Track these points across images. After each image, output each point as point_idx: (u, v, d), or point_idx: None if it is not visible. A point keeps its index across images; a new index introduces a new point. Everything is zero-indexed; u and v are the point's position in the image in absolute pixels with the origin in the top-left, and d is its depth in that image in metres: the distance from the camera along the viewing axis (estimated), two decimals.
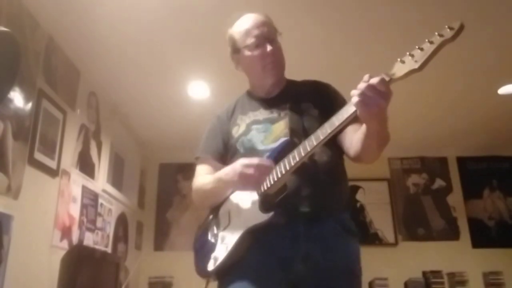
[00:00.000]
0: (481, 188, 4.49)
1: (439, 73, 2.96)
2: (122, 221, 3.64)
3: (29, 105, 2.18)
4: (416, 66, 0.91)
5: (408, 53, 0.93)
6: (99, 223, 3.07)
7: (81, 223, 2.75)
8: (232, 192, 1.26)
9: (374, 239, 4.32)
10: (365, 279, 4.32)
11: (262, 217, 1.12)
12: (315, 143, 1.06)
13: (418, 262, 4.09)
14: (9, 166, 1.98)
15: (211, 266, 1.22)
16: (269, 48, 1.31)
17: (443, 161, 4.60)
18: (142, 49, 2.67)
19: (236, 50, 1.38)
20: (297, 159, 1.09)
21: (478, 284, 4.04)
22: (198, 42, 2.54)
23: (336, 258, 1.15)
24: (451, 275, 4.01)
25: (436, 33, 0.90)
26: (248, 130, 1.32)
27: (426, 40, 0.91)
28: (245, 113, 1.38)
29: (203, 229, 1.34)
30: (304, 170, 1.15)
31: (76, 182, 2.71)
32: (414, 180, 4.56)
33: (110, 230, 3.34)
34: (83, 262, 2.46)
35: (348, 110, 1.01)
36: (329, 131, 1.04)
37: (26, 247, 2.09)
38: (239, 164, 1.15)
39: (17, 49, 1.62)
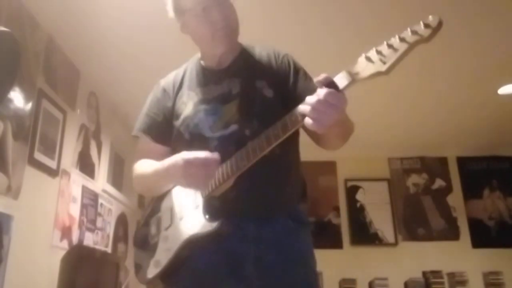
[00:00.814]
0: (481, 188, 4.50)
1: (439, 73, 2.96)
2: (122, 221, 3.64)
3: (29, 105, 2.18)
4: (383, 68, 0.80)
5: (375, 49, 0.82)
6: (99, 223, 3.07)
7: (81, 223, 2.75)
8: (175, 185, 1.15)
9: (374, 239, 4.32)
10: (365, 279, 4.32)
11: (206, 227, 1.03)
12: (265, 146, 0.98)
13: (418, 262, 4.09)
14: (9, 166, 1.98)
15: (151, 273, 1.12)
16: (218, 12, 1.13)
17: (443, 161, 4.60)
18: (142, 49, 2.66)
19: (180, 11, 1.20)
20: (245, 161, 1.00)
21: (478, 284, 4.04)
22: None
23: (288, 255, 1.08)
24: (451, 275, 4.01)
25: (409, 29, 0.78)
26: (195, 111, 1.16)
27: (397, 36, 0.79)
28: (192, 88, 1.22)
29: (144, 225, 1.23)
30: (254, 167, 1.02)
31: (76, 182, 2.71)
32: (414, 180, 4.56)
33: (110, 230, 3.33)
34: (83, 262, 2.46)
35: (304, 110, 0.92)
36: (281, 133, 0.95)
37: (26, 247, 2.09)
38: (181, 160, 1.01)
39: (17, 49, 1.62)
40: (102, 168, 3.20)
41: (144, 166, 1.21)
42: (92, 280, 2.54)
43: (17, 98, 2.07)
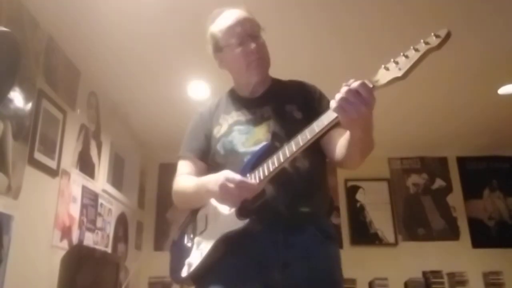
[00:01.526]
0: (481, 188, 4.50)
1: (439, 73, 2.96)
2: (122, 221, 3.64)
3: (29, 105, 2.18)
4: (400, 74, 0.89)
5: (392, 60, 0.91)
6: (99, 223, 3.07)
7: (81, 223, 2.75)
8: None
9: (374, 239, 4.32)
10: (365, 279, 4.32)
11: (238, 224, 1.09)
12: (294, 149, 1.04)
13: (418, 262, 4.09)
14: (9, 166, 1.98)
15: (184, 272, 1.20)
16: (253, 45, 1.27)
17: (443, 161, 4.60)
18: (142, 49, 2.67)
19: (218, 48, 1.33)
20: (276, 165, 1.06)
21: (478, 284, 4.04)
22: (198, 42, 2.52)
23: (315, 266, 1.12)
24: (451, 275, 4.01)
25: (422, 41, 0.88)
26: (229, 131, 1.28)
27: (411, 47, 0.89)
28: (228, 112, 1.34)
29: (180, 232, 1.32)
30: (285, 176, 1.13)
31: (76, 182, 2.71)
32: (414, 180, 4.56)
33: (110, 230, 3.33)
34: (83, 262, 2.46)
35: (330, 116, 0.98)
36: (309, 137, 1.02)
37: (26, 247, 2.09)
38: (222, 176, 1.10)
39: (17, 49, 1.62)
40: (102, 168, 3.20)
41: (186, 180, 1.30)
42: (92, 280, 2.54)
43: (17, 98, 2.07)
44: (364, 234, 4.33)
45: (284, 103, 1.28)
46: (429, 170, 4.58)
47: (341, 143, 1.13)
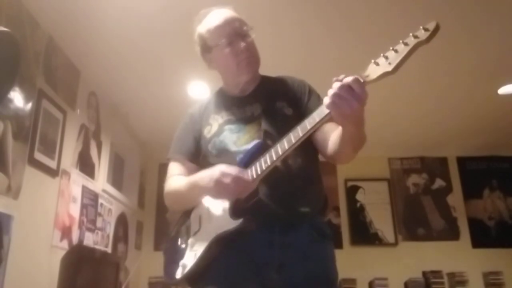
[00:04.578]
0: (481, 188, 4.50)
1: (439, 73, 2.96)
2: (122, 221, 3.64)
3: (29, 105, 2.18)
4: (390, 68, 0.88)
5: (382, 55, 0.91)
6: (99, 223, 3.07)
7: (81, 223, 2.75)
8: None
9: (374, 239, 4.32)
10: (365, 279, 4.31)
11: (232, 224, 1.08)
12: (287, 147, 1.03)
13: (418, 262, 4.09)
14: (9, 166, 1.98)
15: (178, 274, 1.18)
16: (242, 44, 1.26)
17: (443, 161, 4.60)
18: (142, 49, 2.66)
19: (207, 49, 1.32)
20: (269, 163, 1.06)
21: (478, 284, 4.04)
22: None
23: (311, 266, 1.11)
24: (451, 275, 4.01)
25: (411, 34, 0.88)
26: (220, 130, 1.27)
27: (401, 41, 0.89)
28: (218, 112, 1.33)
29: (174, 234, 1.30)
30: (277, 174, 1.12)
31: (76, 182, 2.71)
32: (414, 180, 4.56)
33: (110, 230, 3.34)
34: (83, 262, 2.46)
35: (322, 112, 0.98)
36: (301, 134, 1.01)
37: (26, 247, 2.09)
38: (217, 171, 1.09)
39: (17, 49, 1.62)
40: (102, 168, 3.20)
41: (178, 180, 1.29)
42: (92, 280, 2.54)
43: (17, 98, 2.07)
44: (364, 234, 4.33)
45: (274, 100, 1.27)
46: (429, 170, 4.58)
47: (333, 138, 1.13)
